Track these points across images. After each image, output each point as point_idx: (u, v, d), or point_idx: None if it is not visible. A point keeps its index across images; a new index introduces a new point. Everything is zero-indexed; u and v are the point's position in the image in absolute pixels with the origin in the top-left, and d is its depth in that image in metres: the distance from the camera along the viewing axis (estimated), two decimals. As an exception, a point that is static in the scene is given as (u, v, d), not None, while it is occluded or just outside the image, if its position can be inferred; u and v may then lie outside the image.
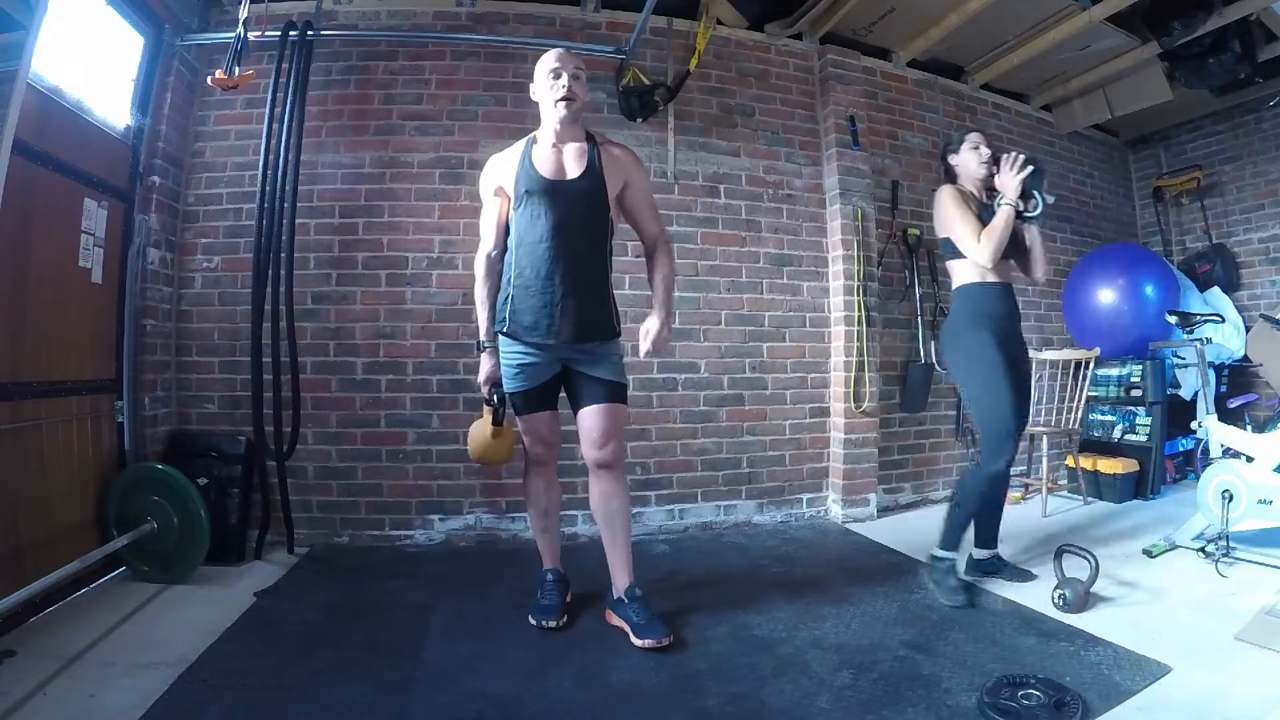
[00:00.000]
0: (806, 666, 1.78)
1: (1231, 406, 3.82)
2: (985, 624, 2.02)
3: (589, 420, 1.99)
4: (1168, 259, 4.39)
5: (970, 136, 2.39)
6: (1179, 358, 3.76)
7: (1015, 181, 2.18)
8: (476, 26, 3.12)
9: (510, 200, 1.99)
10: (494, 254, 2.02)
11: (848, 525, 3.21)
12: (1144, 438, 3.60)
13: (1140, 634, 1.88)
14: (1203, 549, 2.47)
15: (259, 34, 2.66)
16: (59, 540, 2.20)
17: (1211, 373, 3.28)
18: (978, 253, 2.20)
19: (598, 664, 1.81)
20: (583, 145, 1.99)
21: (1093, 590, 2.11)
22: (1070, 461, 3.68)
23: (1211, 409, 2.73)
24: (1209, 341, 2.89)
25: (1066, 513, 3.35)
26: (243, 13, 2.57)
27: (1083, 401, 3.55)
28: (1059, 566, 2.18)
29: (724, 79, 3.36)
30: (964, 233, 2.23)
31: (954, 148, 2.41)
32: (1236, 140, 4.33)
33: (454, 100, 3.08)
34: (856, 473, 3.29)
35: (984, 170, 2.31)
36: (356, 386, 2.94)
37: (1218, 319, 3.04)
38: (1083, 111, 4.18)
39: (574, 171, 1.96)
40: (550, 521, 2.17)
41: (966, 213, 2.25)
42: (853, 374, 3.30)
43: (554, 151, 1.97)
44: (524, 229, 1.94)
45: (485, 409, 2.04)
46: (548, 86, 1.94)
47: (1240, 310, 4.14)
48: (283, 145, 2.72)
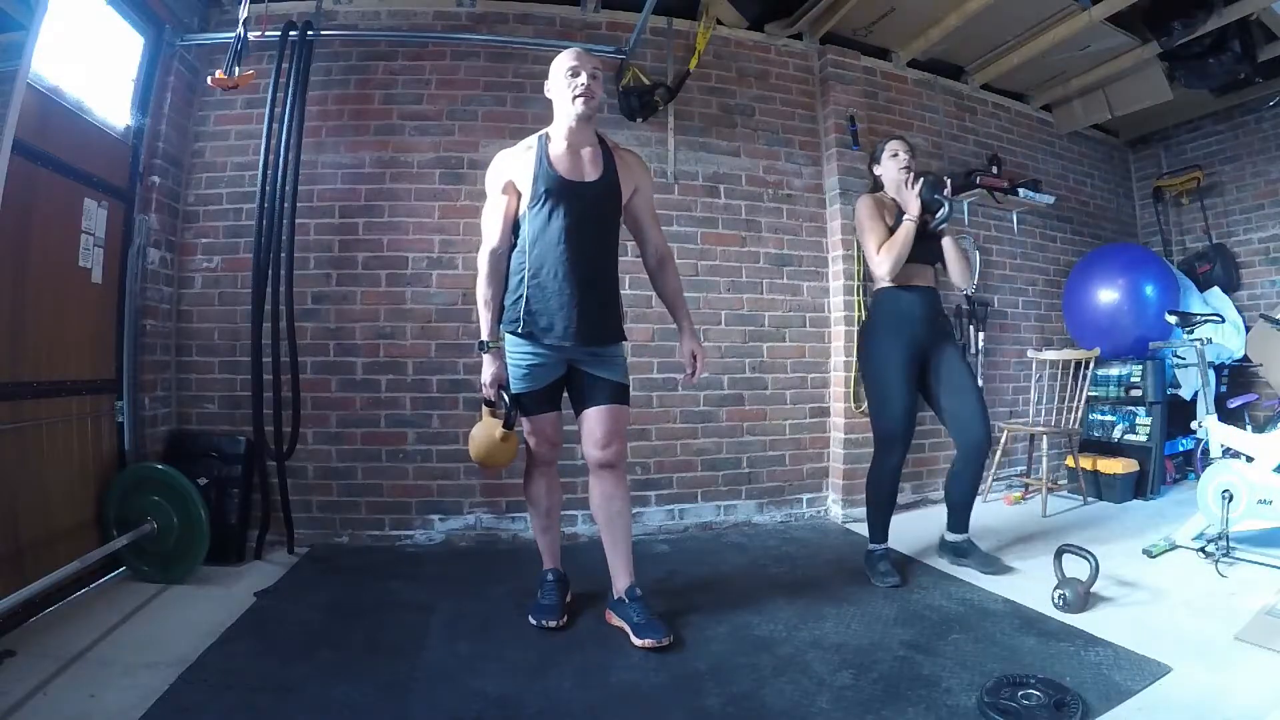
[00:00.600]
0: (806, 666, 1.78)
1: (1231, 406, 3.82)
2: (985, 624, 2.02)
3: (593, 421, 1.98)
4: (1168, 259, 4.39)
5: (889, 145, 2.49)
6: (1179, 358, 3.76)
7: (912, 196, 2.33)
8: (476, 26, 3.12)
9: (522, 198, 1.96)
10: (499, 251, 1.97)
11: (848, 525, 3.21)
12: (1144, 438, 3.60)
13: (1140, 634, 1.88)
14: (1203, 549, 2.48)
15: (259, 34, 2.66)
16: (59, 540, 2.20)
17: (1211, 373, 3.28)
18: (877, 265, 2.35)
19: (598, 664, 1.81)
20: (597, 148, 1.99)
21: (1093, 590, 2.11)
22: (1070, 461, 3.68)
23: (1211, 409, 2.74)
24: (1209, 341, 2.89)
25: (1066, 513, 3.35)
26: (243, 13, 2.57)
27: (1083, 401, 3.55)
28: (1059, 566, 2.17)
29: (724, 79, 3.36)
30: (869, 245, 2.38)
31: (877, 156, 2.52)
32: (1236, 140, 4.33)
33: (454, 100, 3.08)
34: (856, 473, 3.27)
35: (903, 176, 2.41)
36: (356, 386, 2.94)
37: (1218, 319, 3.03)
38: (1083, 111, 4.17)
39: (592, 174, 1.95)
40: (551, 521, 2.17)
41: (876, 224, 2.38)
42: (853, 374, 3.29)
43: (570, 151, 1.95)
44: (539, 229, 1.92)
45: (485, 410, 2.00)
46: (565, 85, 1.91)
47: (1240, 310, 4.14)
48: (283, 145, 2.71)
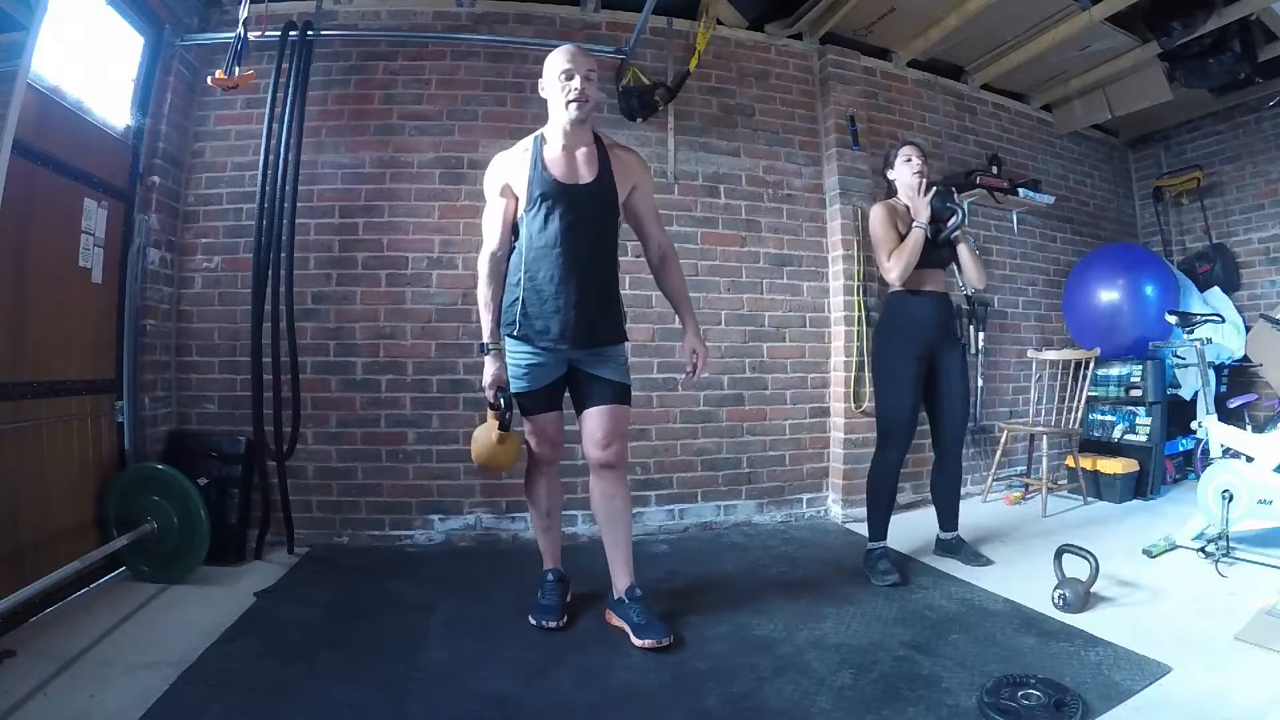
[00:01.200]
0: (806, 666, 1.78)
1: (1231, 406, 3.82)
2: (985, 624, 2.02)
3: (594, 421, 1.98)
4: (1168, 259, 4.39)
5: (903, 150, 2.53)
6: (1179, 358, 3.76)
7: (923, 204, 2.40)
8: (476, 26, 3.12)
9: (519, 201, 1.95)
10: (499, 254, 1.97)
11: (848, 525, 3.21)
12: (1144, 438, 3.60)
13: (1140, 634, 1.88)
14: (1203, 549, 2.48)
15: (259, 34, 2.66)
16: (59, 540, 2.20)
17: (1211, 373, 3.28)
18: (887, 271, 2.42)
19: (598, 664, 1.81)
20: (592, 148, 1.97)
21: (1093, 590, 2.11)
22: (1070, 461, 3.68)
23: (1211, 409, 2.74)
24: (1209, 341, 2.89)
25: (1066, 513, 3.35)
26: (243, 13, 2.57)
27: (1083, 401, 3.55)
28: (1059, 566, 2.18)
29: (724, 79, 3.36)
30: (880, 252, 2.44)
31: (890, 161, 2.56)
32: (1236, 140, 4.33)
33: (454, 100, 3.08)
34: (856, 473, 3.27)
35: (917, 180, 2.45)
36: (356, 386, 2.94)
37: (1218, 319, 3.04)
38: (1083, 111, 4.17)
39: (587, 175, 1.94)
40: (552, 522, 2.17)
41: (888, 232, 2.42)
42: (853, 374, 3.30)
43: (565, 154, 1.94)
44: (535, 232, 1.92)
45: (490, 413, 1.99)
46: (559, 88, 1.89)
47: (1240, 310, 4.14)
48: (283, 145, 2.71)
